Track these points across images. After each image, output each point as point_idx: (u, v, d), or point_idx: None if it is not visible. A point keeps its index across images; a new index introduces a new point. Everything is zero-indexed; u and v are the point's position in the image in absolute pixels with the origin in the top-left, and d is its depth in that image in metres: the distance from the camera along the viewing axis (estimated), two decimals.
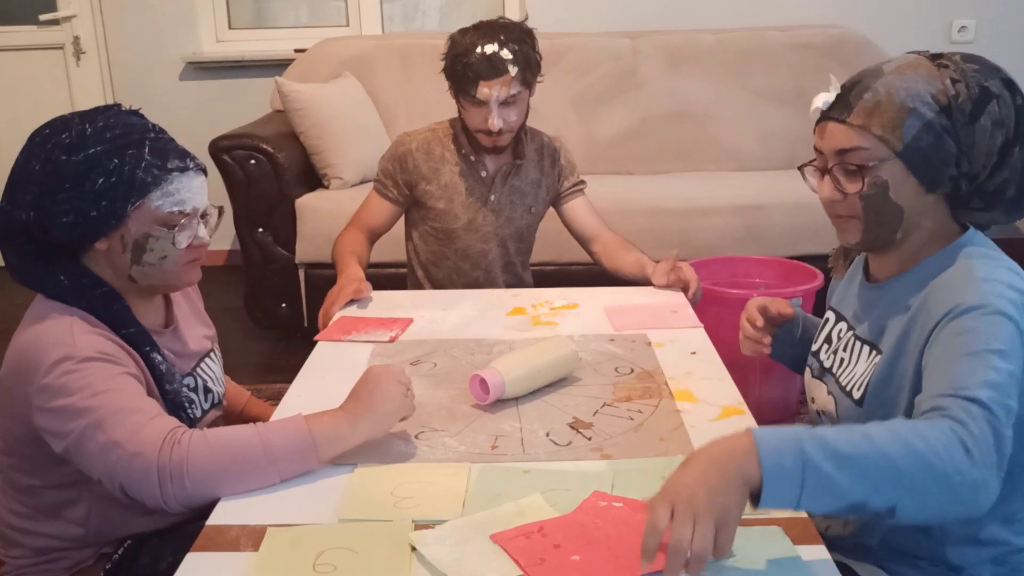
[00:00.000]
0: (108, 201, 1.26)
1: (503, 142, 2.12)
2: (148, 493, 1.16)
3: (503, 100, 2.02)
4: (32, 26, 4.09)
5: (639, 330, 1.74)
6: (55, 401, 1.21)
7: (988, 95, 1.17)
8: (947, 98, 1.17)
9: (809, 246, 3.08)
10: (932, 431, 0.99)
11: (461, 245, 2.21)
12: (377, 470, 1.23)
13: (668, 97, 3.70)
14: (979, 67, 1.19)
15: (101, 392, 1.20)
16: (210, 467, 1.16)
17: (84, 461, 1.21)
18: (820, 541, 1.07)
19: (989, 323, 1.09)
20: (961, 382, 1.04)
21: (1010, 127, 1.18)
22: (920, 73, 1.19)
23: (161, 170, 1.29)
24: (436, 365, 1.60)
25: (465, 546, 1.05)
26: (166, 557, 1.25)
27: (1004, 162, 1.18)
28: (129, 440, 1.16)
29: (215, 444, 1.18)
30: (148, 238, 1.30)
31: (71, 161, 1.25)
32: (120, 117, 1.32)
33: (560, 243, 2.45)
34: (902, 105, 1.18)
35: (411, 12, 4.28)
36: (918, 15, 3.95)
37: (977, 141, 1.17)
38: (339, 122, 3.35)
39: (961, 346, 1.09)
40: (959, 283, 1.16)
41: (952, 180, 1.19)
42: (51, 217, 1.26)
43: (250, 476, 1.18)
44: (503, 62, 2.00)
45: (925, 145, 1.17)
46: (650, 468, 1.23)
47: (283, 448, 1.18)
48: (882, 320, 1.28)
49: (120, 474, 1.17)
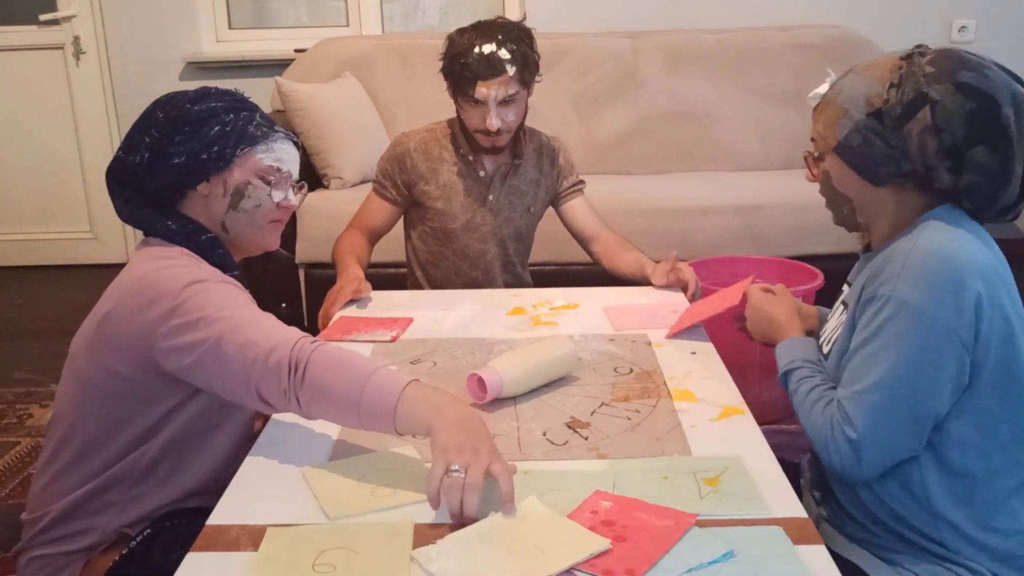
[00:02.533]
0: (219, 147, 1.40)
1: (501, 142, 2.12)
2: (276, 386, 1.22)
3: (501, 100, 2.02)
4: (32, 26, 4.09)
5: (639, 330, 1.74)
6: (190, 315, 1.28)
7: (923, 101, 1.22)
8: (881, 102, 1.25)
9: (809, 246, 3.08)
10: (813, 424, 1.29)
11: (460, 245, 2.21)
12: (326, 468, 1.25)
13: (668, 97, 3.70)
14: (935, 70, 1.23)
15: (233, 305, 1.30)
16: (320, 381, 1.21)
17: (221, 365, 1.26)
18: (820, 541, 1.07)
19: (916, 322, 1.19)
20: (858, 379, 1.24)
21: (955, 132, 1.21)
22: (871, 75, 1.28)
23: (269, 130, 1.45)
24: (436, 364, 1.60)
25: (474, 557, 1.04)
26: (177, 549, 1.26)
27: (963, 164, 1.22)
28: (266, 338, 1.25)
29: (333, 362, 1.23)
30: (248, 186, 1.43)
31: (194, 109, 1.40)
32: (239, 93, 1.49)
33: (560, 243, 2.45)
34: (839, 106, 1.29)
35: (411, 12, 4.28)
36: (918, 15, 3.95)
37: (909, 145, 1.24)
38: (339, 122, 3.35)
39: (870, 350, 1.23)
40: (894, 257, 1.24)
41: (898, 177, 1.27)
42: (165, 158, 1.38)
43: (343, 407, 1.22)
44: (501, 62, 2.00)
45: (856, 145, 1.28)
46: (651, 468, 1.23)
47: (371, 401, 1.20)
48: (857, 286, 1.35)
49: (257, 371, 1.23)
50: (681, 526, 1.08)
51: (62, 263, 4.31)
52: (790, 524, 1.09)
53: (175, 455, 1.38)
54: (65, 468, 1.38)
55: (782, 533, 1.07)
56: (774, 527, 1.08)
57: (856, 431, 1.22)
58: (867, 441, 1.22)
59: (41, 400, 2.94)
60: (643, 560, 1.02)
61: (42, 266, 4.33)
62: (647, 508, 1.12)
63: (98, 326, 1.36)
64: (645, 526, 1.08)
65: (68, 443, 1.38)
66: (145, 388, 1.33)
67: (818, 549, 1.05)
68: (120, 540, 1.37)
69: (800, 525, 1.09)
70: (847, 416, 1.23)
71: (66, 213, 4.30)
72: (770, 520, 1.10)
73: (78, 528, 1.37)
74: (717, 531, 1.07)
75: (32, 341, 3.32)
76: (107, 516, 1.37)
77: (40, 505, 1.40)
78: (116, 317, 1.34)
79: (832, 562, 1.03)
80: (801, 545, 1.05)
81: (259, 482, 1.23)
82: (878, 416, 1.21)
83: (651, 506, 1.12)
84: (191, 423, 1.37)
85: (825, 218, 1.42)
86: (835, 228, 1.42)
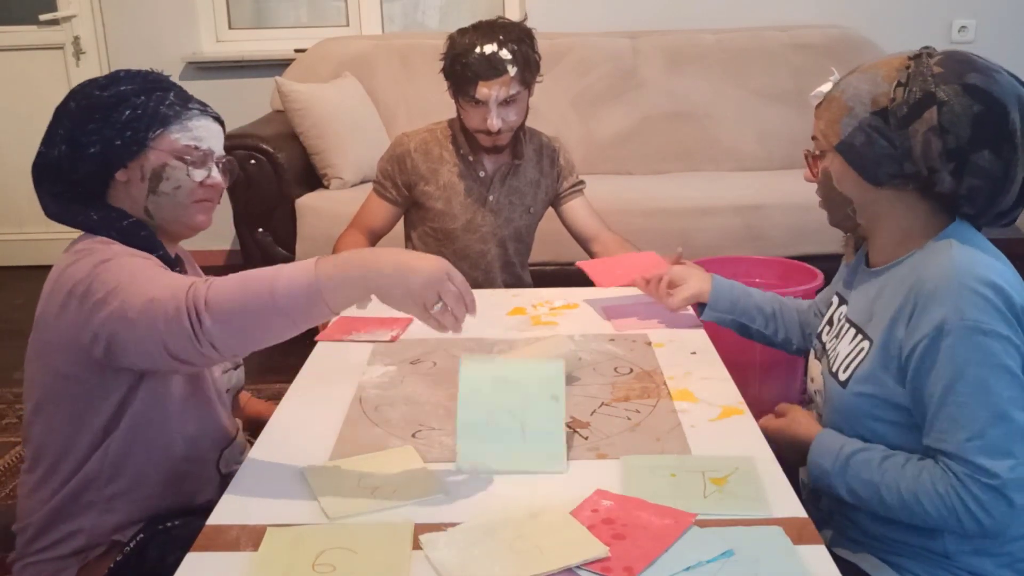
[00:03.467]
0: (131, 131, 1.37)
1: (502, 142, 2.11)
2: (182, 333, 1.15)
3: (502, 100, 2.02)
4: (32, 26, 4.09)
5: (639, 330, 1.74)
6: (98, 294, 1.24)
7: (930, 101, 1.20)
8: (887, 100, 1.23)
9: (809, 246, 3.08)
10: (928, 494, 1.18)
11: (460, 245, 2.21)
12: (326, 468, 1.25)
13: (668, 97, 3.70)
14: (943, 70, 1.22)
15: (139, 271, 1.26)
16: (224, 305, 1.15)
17: (130, 332, 1.21)
18: (820, 541, 1.07)
19: (976, 348, 1.16)
20: (968, 437, 1.16)
21: (960, 133, 1.20)
22: (877, 74, 1.26)
23: (182, 108, 1.41)
24: (436, 364, 1.60)
25: (472, 549, 1.05)
26: (174, 552, 1.26)
27: (965, 167, 1.21)
28: (164, 291, 1.19)
29: (232, 282, 1.17)
30: (165, 167, 1.40)
31: (103, 96, 1.38)
32: (153, 73, 1.45)
33: (560, 243, 2.45)
34: (844, 103, 1.28)
35: (411, 12, 4.28)
36: (918, 15, 3.95)
37: (912, 145, 1.22)
38: (339, 122, 3.35)
39: (959, 384, 1.17)
40: (939, 287, 1.20)
41: (898, 178, 1.25)
42: (80, 148, 1.36)
43: (263, 319, 1.15)
44: (502, 62, 1.99)
45: (858, 143, 1.26)
46: (660, 464, 1.23)
47: (287, 291, 1.13)
48: (871, 307, 1.32)
49: (161, 325, 1.16)
50: (681, 525, 1.08)
51: None
52: (790, 524, 1.09)
53: (139, 447, 1.36)
54: (42, 476, 1.37)
55: (782, 533, 1.07)
56: (774, 527, 1.08)
57: (997, 475, 1.14)
58: (1013, 475, 1.14)
59: None
60: (642, 558, 1.02)
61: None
62: (647, 507, 1.12)
63: (35, 334, 1.36)
64: (645, 525, 1.08)
65: (41, 452, 1.38)
66: (92, 384, 1.31)
67: (818, 549, 1.05)
68: (114, 547, 1.37)
69: (800, 525, 1.09)
70: (976, 467, 1.15)
71: None
72: (770, 520, 1.10)
73: (63, 533, 1.36)
74: (717, 531, 1.07)
75: None
76: (90, 516, 1.36)
77: (25, 515, 1.39)
78: (45, 321, 1.33)
79: (832, 562, 1.03)
80: (801, 545, 1.05)
81: (259, 482, 1.23)
82: (1010, 446, 1.15)
83: (651, 505, 1.12)
84: (147, 410, 1.35)
85: (825, 218, 1.40)
86: (835, 228, 1.41)
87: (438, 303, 1.16)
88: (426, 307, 1.16)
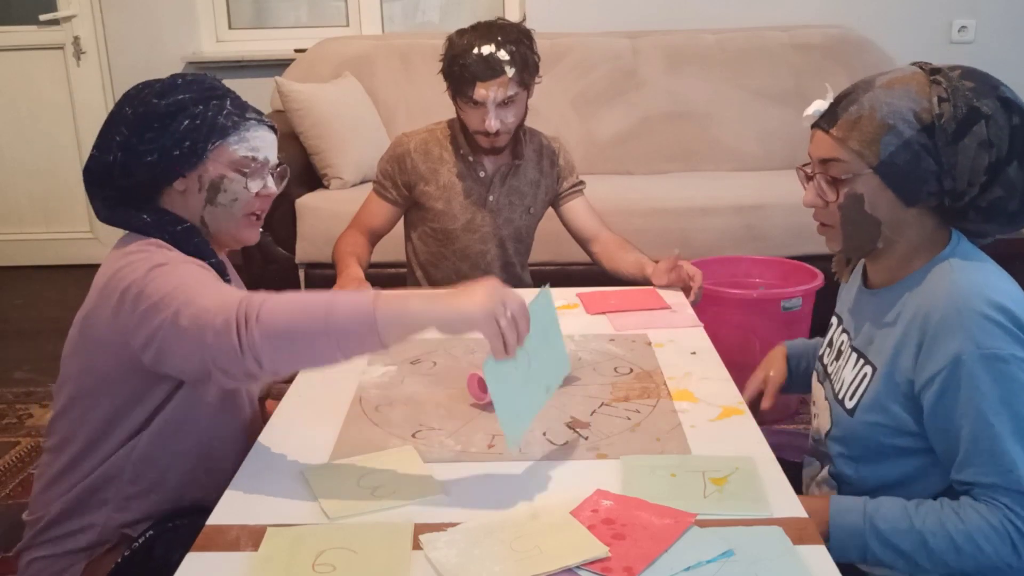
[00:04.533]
0: (191, 141, 1.37)
1: (500, 143, 2.11)
2: (229, 346, 1.14)
3: (500, 101, 2.02)
4: (32, 26, 4.09)
5: (639, 330, 1.74)
6: (152, 299, 1.23)
7: (977, 115, 1.17)
8: (931, 116, 1.18)
9: (809, 246, 3.07)
10: (981, 530, 1.15)
11: (460, 246, 2.21)
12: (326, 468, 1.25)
13: (668, 97, 3.70)
14: (975, 84, 1.19)
15: (194, 280, 1.26)
16: (278, 322, 1.14)
17: (179, 342, 1.20)
18: (820, 541, 1.07)
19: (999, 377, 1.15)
20: (1010, 467, 1.15)
21: (1002, 147, 1.18)
22: (909, 89, 1.21)
23: (240, 118, 1.41)
24: (436, 364, 1.60)
25: (472, 549, 1.05)
26: (179, 550, 1.27)
27: (996, 180, 1.19)
28: (216, 302, 1.18)
29: (286, 300, 1.17)
30: (223, 179, 1.40)
31: (160, 104, 1.37)
32: (207, 79, 1.45)
33: (560, 243, 2.45)
34: (882, 121, 1.20)
35: (411, 12, 4.28)
36: (918, 15, 3.95)
37: (960, 161, 1.18)
38: (339, 122, 3.35)
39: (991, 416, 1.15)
40: (947, 316, 1.18)
41: (934, 196, 1.21)
42: (137, 156, 1.36)
43: (313, 341, 1.14)
44: (500, 63, 1.99)
45: (902, 162, 1.19)
46: (661, 464, 1.23)
47: (343, 317, 1.13)
48: (872, 331, 1.31)
49: (209, 337, 1.16)
50: (681, 525, 1.08)
51: (62, 263, 4.31)
52: (790, 524, 1.09)
53: (164, 450, 1.37)
54: (64, 469, 1.38)
55: (782, 533, 1.07)
56: (774, 527, 1.08)
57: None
58: None
59: (41, 400, 2.94)
60: (642, 558, 1.02)
61: (42, 266, 4.33)
62: (647, 507, 1.12)
63: (80, 331, 1.36)
64: (645, 525, 1.08)
65: (66, 445, 1.38)
66: (133, 386, 1.32)
67: (818, 549, 1.05)
68: (122, 541, 1.38)
69: (800, 525, 1.09)
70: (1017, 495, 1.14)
71: (66, 213, 4.30)
72: (770, 520, 1.10)
73: (76, 526, 1.37)
74: (717, 531, 1.07)
75: (32, 341, 3.32)
76: (104, 512, 1.37)
77: (40, 506, 1.40)
78: (93, 319, 1.33)
79: (832, 562, 1.03)
80: (801, 545, 1.05)
81: (259, 482, 1.23)
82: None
83: (651, 505, 1.12)
84: (178, 415, 1.36)
85: None
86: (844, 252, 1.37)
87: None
88: (497, 321, 1.12)
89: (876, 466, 1.29)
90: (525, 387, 1.23)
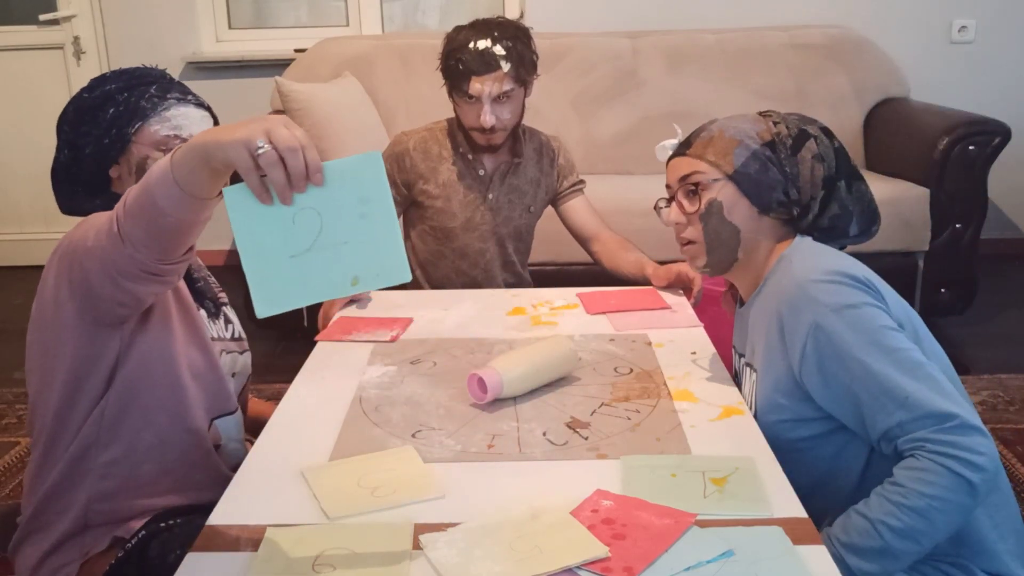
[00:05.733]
0: (116, 128, 1.42)
1: (497, 140, 2.12)
2: (114, 241, 1.18)
3: (496, 96, 2.03)
4: (32, 26, 4.09)
5: (639, 330, 1.74)
6: (71, 243, 1.29)
7: (806, 135, 1.39)
8: (771, 135, 1.38)
9: None
10: (923, 480, 1.13)
11: (459, 244, 2.22)
12: (326, 468, 1.25)
13: (668, 97, 3.70)
14: (798, 117, 1.42)
15: (102, 216, 1.26)
16: (129, 200, 1.15)
17: (89, 260, 1.24)
18: (820, 541, 1.07)
19: (856, 322, 1.22)
20: (905, 396, 1.17)
21: (831, 164, 1.37)
22: (747, 117, 1.42)
23: (160, 99, 1.45)
24: (436, 364, 1.60)
25: (472, 549, 1.05)
26: (174, 550, 1.27)
27: (832, 196, 1.37)
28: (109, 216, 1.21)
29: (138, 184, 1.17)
30: (147, 160, 1.43)
31: (91, 97, 1.44)
32: (141, 69, 1.50)
33: (560, 243, 2.45)
34: (732, 138, 1.39)
35: (411, 12, 4.28)
36: (918, 15, 3.95)
37: (801, 171, 1.36)
38: (339, 122, 3.35)
39: (867, 360, 1.20)
40: (793, 296, 1.28)
41: (782, 205, 1.37)
42: (79, 150, 1.44)
43: (144, 208, 1.13)
44: (495, 58, 2.00)
45: (753, 171, 1.37)
46: (661, 464, 1.23)
47: (155, 173, 1.11)
48: (752, 341, 1.41)
49: (104, 239, 1.20)
50: (681, 525, 1.08)
51: None
52: (790, 524, 1.09)
53: (132, 410, 1.38)
54: (43, 454, 1.40)
55: (782, 533, 1.07)
56: (774, 527, 1.08)
57: (953, 414, 1.14)
58: (962, 409, 1.15)
59: None
60: (642, 558, 1.02)
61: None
62: (647, 507, 1.12)
63: (34, 318, 1.40)
64: (645, 525, 1.08)
65: (41, 432, 1.40)
66: (81, 349, 1.34)
67: (818, 549, 1.05)
68: (116, 544, 1.38)
69: (800, 525, 1.09)
70: (935, 417, 1.15)
71: None
72: (770, 520, 1.10)
73: (63, 505, 1.38)
74: (717, 531, 1.07)
75: None
76: (88, 483, 1.38)
77: (29, 498, 1.42)
78: (39, 298, 1.37)
79: (832, 562, 1.03)
80: (801, 545, 1.05)
81: (259, 482, 1.23)
82: (941, 387, 1.18)
83: (652, 505, 1.12)
84: (138, 374, 1.37)
85: None
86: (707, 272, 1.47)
87: (262, 148, 0.99)
88: (250, 151, 0.99)
89: (799, 464, 1.27)
90: (305, 254, 1.04)
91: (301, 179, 1.00)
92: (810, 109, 3.67)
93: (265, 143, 0.98)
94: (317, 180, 1.01)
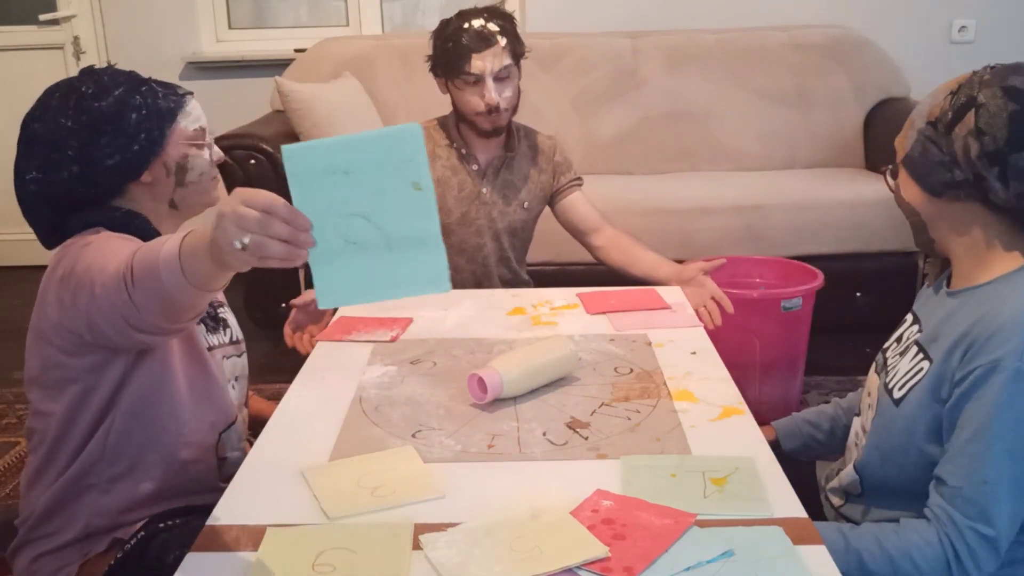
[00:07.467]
0: (145, 132, 1.38)
1: (502, 122, 2.12)
2: (124, 301, 1.17)
3: (496, 73, 2.04)
4: (32, 26, 4.09)
5: (639, 330, 1.74)
6: (78, 278, 1.25)
7: (969, 105, 1.22)
8: (939, 111, 1.27)
9: (809, 246, 3.08)
10: (918, 547, 1.16)
11: (456, 239, 2.22)
12: (326, 468, 1.25)
13: (668, 97, 3.70)
14: (991, 76, 1.23)
15: (108, 250, 1.27)
16: (138, 267, 1.16)
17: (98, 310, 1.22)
18: (820, 541, 1.07)
19: (1020, 394, 1.14)
20: (984, 479, 1.15)
21: (997, 135, 1.19)
22: (946, 87, 1.29)
23: (176, 96, 1.43)
24: (436, 364, 1.60)
25: (472, 549, 1.05)
26: (173, 551, 1.27)
27: (1006, 171, 1.19)
28: (117, 264, 1.20)
29: (147, 246, 1.17)
30: (187, 158, 1.43)
31: (103, 106, 1.36)
32: (109, 69, 1.44)
33: (560, 243, 2.45)
34: (910, 120, 1.33)
35: (411, 12, 4.28)
36: (918, 15, 3.95)
37: (956, 150, 1.24)
38: (339, 122, 3.35)
39: (996, 427, 1.15)
40: (1006, 324, 1.17)
41: (952, 188, 1.25)
42: (96, 164, 1.35)
43: (153, 283, 1.13)
44: (492, 34, 2.04)
45: (917, 154, 1.29)
46: (661, 464, 1.23)
47: (165, 254, 1.11)
48: (939, 328, 1.30)
49: (113, 296, 1.18)
50: (681, 525, 1.08)
51: None
52: (790, 524, 1.09)
53: (139, 428, 1.37)
54: (44, 462, 1.40)
55: (782, 533, 1.07)
56: (774, 527, 1.08)
57: (996, 528, 1.14)
58: (1004, 535, 1.16)
59: None
60: (642, 558, 1.02)
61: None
62: (647, 507, 1.12)
63: (35, 332, 1.37)
64: (645, 525, 1.08)
65: (42, 438, 1.40)
66: (88, 366, 1.33)
67: (818, 549, 1.05)
68: (115, 544, 1.38)
69: (800, 525, 1.09)
70: (981, 512, 1.15)
71: None
72: (770, 520, 1.10)
73: (66, 517, 1.38)
74: (717, 531, 1.07)
75: None
76: (90, 497, 1.37)
77: (28, 504, 1.41)
78: (40, 309, 1.35)
79: (832, 562, 1.03)
80: (801, 545, 1.05)
81: (259, 482, 1.23)
82: (1019, 507, 1.16)
83: (652, 505, 1.12)
84: (146, 391, 1.36)
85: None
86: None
87: (243, 238, 0.94)
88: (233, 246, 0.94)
89: (901, 466, 1.28)
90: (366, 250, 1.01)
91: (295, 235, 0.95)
92: (810, 109, 3.68)
93: (241, 238, 0.93)
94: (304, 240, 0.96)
